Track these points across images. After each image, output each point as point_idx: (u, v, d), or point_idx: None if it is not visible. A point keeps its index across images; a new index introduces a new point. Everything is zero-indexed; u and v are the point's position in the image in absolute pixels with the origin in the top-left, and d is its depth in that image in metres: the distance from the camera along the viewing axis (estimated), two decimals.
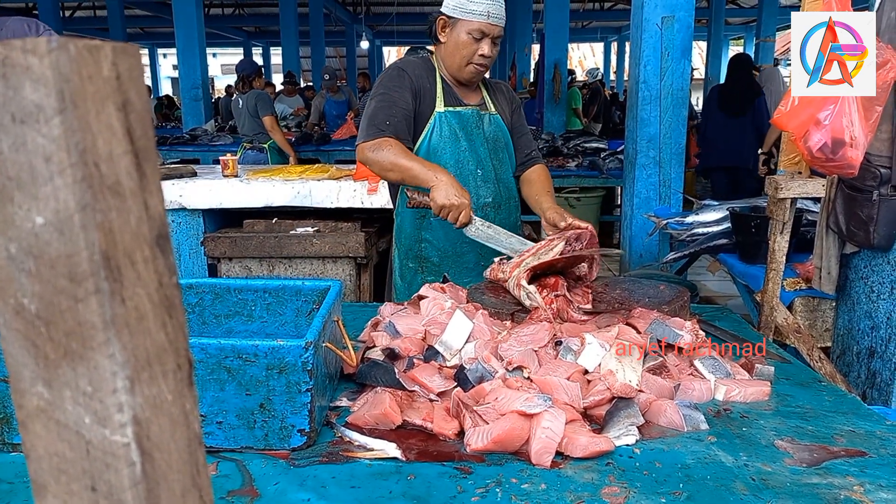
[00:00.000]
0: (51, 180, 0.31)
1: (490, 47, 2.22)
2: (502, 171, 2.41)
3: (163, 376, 0.37)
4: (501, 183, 2.41)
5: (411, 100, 2.25)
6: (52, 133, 0.31)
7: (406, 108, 2.23)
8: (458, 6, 2.20)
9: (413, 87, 2.26)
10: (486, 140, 2.37)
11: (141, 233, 0.35)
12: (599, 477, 1.22)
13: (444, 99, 2.32)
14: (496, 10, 2.18)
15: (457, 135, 2.31)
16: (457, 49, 2.24)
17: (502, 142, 2.41)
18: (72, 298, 0.33)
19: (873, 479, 1.21)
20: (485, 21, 2.18)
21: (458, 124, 2.31)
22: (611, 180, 6.77)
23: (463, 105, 2.36)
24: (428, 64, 2.37)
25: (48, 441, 0.35)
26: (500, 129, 2.41)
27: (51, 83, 0.30)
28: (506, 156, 2.43)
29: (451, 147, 2.30)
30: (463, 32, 2.21)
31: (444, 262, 2.40)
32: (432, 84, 2.31)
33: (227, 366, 1.28)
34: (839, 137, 1.92)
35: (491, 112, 2.41)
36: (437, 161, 2.26)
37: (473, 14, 2.18)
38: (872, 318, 2.40)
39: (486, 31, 2.20)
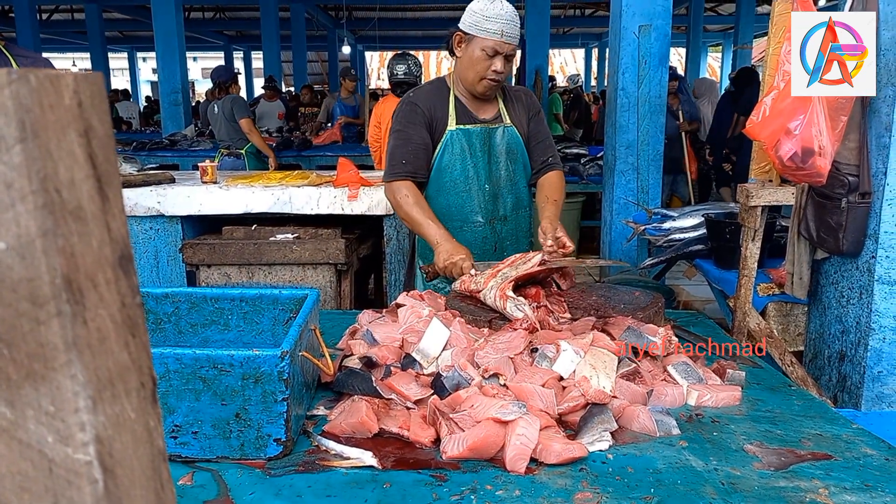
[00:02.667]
0: (12, 207, 0.32)
1: (503, 64, 2.29)
2: (515, 183, 2.50)
3: (126, 395, 0.38)
4: (513, 194, 2.50)
5: (425, 132, 2.39)
6: (12, 161, 0.32)
7: (420, 142, 2.39)
8: (474, 24, 2.26)
9: (426, 118, 2.39)
10: (500, 153, 2.45)
11: (103, 255, 0.36)
12: (573, 483, 1.24)
13: (456, 118, 2.41)
14: (510, 30, 2.25)
15: (466, 152, 2.41)
16: (471, 64, 2.32)
17: (516, 153, 2.48)
18: (34, 321, 0.34)
19: (838, 481, 1.24)
20: (499, 39, 2.24)
21: (467, 142, 2.41)
22: (591, 186, 6.82)
23: (475, 121, 2.43)
24: (442, 86, 2.47)
25: (10, 460, 0.36)
26: (514, 140, 2.47)
27: (11, 113, 0.31)
28: (520, 166, 2.50)
29: (460, 164, 2.41)
30: (477, 49, 2.28)
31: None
32: (444, 106, 2.42)
33: (203, 376, 1.28)
34: (809, 147, 1.96)
35: (506, 124, 2.47)
36: (447, 177, 2.41)
37: (488, 32, 2.24)
38: (843, 323, 2.45)
39: (499, 49, 2.26)
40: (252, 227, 3.77)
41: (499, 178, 2.46)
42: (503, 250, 2.50)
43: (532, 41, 10.52)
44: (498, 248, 2.51)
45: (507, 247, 2.52)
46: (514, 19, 2.26)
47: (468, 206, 2.45)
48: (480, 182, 2.44)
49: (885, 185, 2.21)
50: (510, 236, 2.53)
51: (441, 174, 2.43)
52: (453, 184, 2.43)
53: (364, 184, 3.83)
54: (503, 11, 2.23)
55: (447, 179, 2.43)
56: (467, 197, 2.44)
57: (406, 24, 20.44)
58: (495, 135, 2.44)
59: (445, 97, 2.44)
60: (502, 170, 2.46)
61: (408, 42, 23.95)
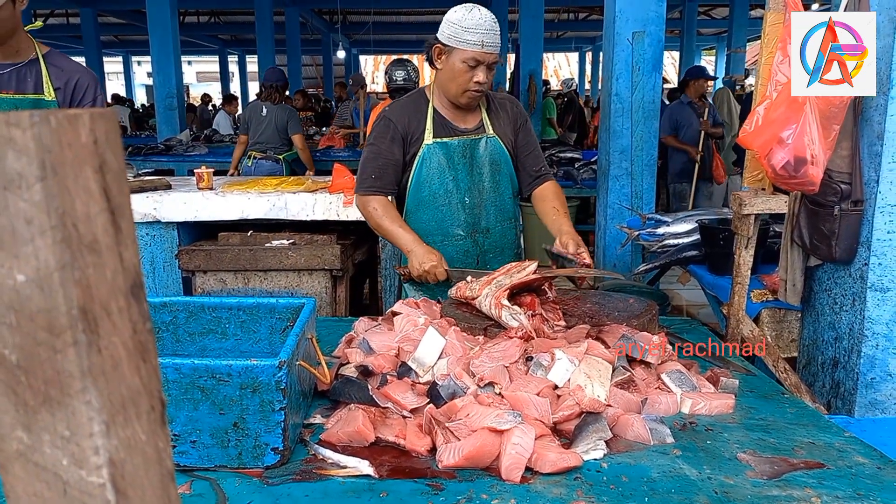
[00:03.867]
0: (32, 241, 0.34)
1: (485, 74, 2.27)
2: (498, 194, 2.47)
3: (137, 418, 0.39)
4: (496, 206, 2.47)
5: (396, 148, 2.39)
6: (33, 198, 0.33)
7: (390, 157, 2.39)
8: (452, 35, 2.23)
9: (399, 133, 2.38)
10: (482, 164, 2.43)
11: (116, 285, 0.38)
12: (568, 491, 1.26)
13: (434, 131, 2.39)
14: (490, 39, 2.22)
15: (444, 166, 2.39)
16: (453, 76, 2.29)
17: (500, 163, 2.45)
18: (51, 349, 0.35)
19: (830, 490, 1.25)
20: (479, 50, 2.21)
21: (445, 155, 2.38)
22: (585, 190, 6.85)
23: (455, 133, 2.41)
24: (420, 99, 2.45)
25: (27, 482, 0.37)
26: (497, 151, 2.44)
27: (33, 153, 0.33)
28: (504, 177, 2.47)
29: (437, 178, 2.39)
30: (458, 61, 2.25)
31: (438, 287, 2.44)
32: (421, 120, 2.40)
33: (201, 385, 1.29)
34: (801, 155, 1.98)
35: (489, 135, 2.43)
36: (426, 191, 2.40)
37: (468, 43, 2.21)
38: (836, 329, 2.47)
39: (480, 60, 2.23)
40: (248, 234, 3.78)
41: (481, 190, 2.43)
42: (486, 263, 2.47)
43: (526, 45, 10.57)
44: (480, 262, 2.48)
45: (491, 259, 2.49)
46: (493, 27, 2.23)
47: (448, 219, 2.42)
48: (460, 195, 2.41)
49: (878, 193, 2.23)
50: (493, 249, 2.50)
51: (419, 188, 2.41)
52: (432, 198, 2.41)
53: None
54: (482, 21, 2.21)
55: (426, 193, 2.41)
56: (447, 210, 2.41)
57: (400, 27, 20.48)
58: (478, 146, 2.41)
59: (423, 110, 2.41)
60: (485, 181, 2.43)
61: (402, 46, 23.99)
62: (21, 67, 2.36)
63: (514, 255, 2.53)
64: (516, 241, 2.57)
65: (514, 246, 2.56)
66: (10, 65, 2.35)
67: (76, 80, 2.42)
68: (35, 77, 2.38)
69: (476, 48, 2.21)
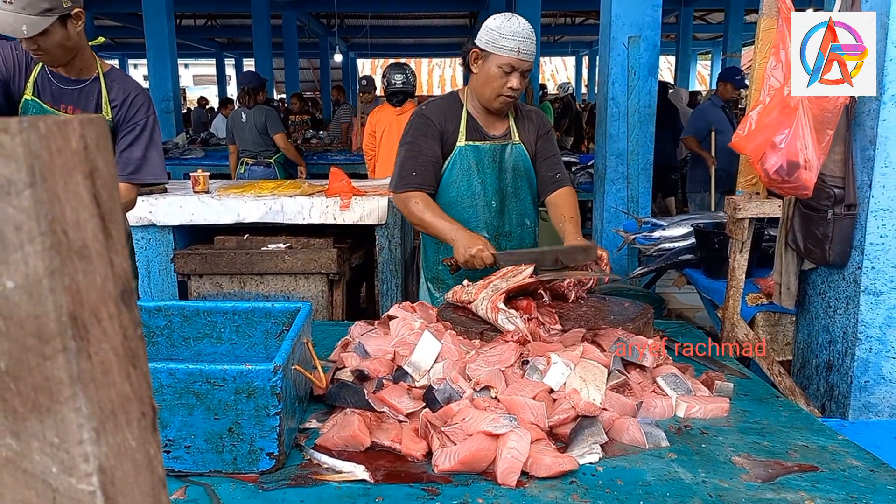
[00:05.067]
0: (21, 248, 0.34)
1: (519, 81, 2.30)
2: (519, 200, 2.52)
3: (127, 425, 0.39)
4: (517, 211, 2.53)
5: (437, 145, 2.42)
6: (22, 205, 0.33)
7: (431, 155, 2.42)
8: (490, 41, 2.27)
9: (438, 131, 2.41)
10: (506, 170, 2.48)
11: (106, 290, 0.38)
12: (563, 495, 1.26)
13: (467, 133, 2.43)
14: (527, 47, 2.25)
15: (474, 168, 2.43)
16: (487, 81, 2.32)
17: (522, 170, 2.50)
18: (40, 356, 0.35)
19: (824, 493, 1.26)
20: (515, 56, 2.25)
21: (475, 158, 2.43)
22: (582, 194, 6.85)
23: (485, 138, 2.45)
24: (455, 101, 2.49)
25: (15, 490, 0.37)
26: (521, 157, 2.49)
27: (21, 159, 0.33)
28: (525, 183, 2.52)
29: (467, 180, 2.44)
30: (494, 66, 2.28)
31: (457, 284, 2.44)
32: (456, 121, 2.44)
33: (196, 390, 1.29)
34: (794, 160, 1.99)
35: (514, 142, 2.49)
36: (454, 192, 2.44)
37: (505, 49, 2.25)
38: (830, 333, 2.48)
39: (515, 66, 2.27)
40: (244, 237, 3.77)
41: (505, 195, 2.50)
42: None
43: None
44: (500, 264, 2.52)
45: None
46: (530, 36, 2.27)
47: (473, 221, 2.46)
48: (487, 198, 2.47)
49: (870, 197, 2.24)
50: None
51: (448, 189, 2.45)
52: (459, 199, 2.45)
53: (356, 193, 3.85)
54: (520, 28, 2.25)
55: (454, 194, 2.45)
56: (473, 212, 2.46)
57: (398, 31, 20.51)
58: (504, 152, 2.47)
59: (458, 112, 2.46)
60: (509, 186, 2.49)
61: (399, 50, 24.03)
62: (85, 86, 2.41)
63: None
64: (535, 245, 2.61)
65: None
66: (76, 82, 2.39)
67: (132, 98, 2.46)
68: (96, 96, 2.42)
69: (512, 54, 2.25)
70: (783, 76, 2.00)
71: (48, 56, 2.24)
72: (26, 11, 2.08)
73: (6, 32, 2.09)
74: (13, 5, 2.07)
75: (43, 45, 2.17)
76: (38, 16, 2.10)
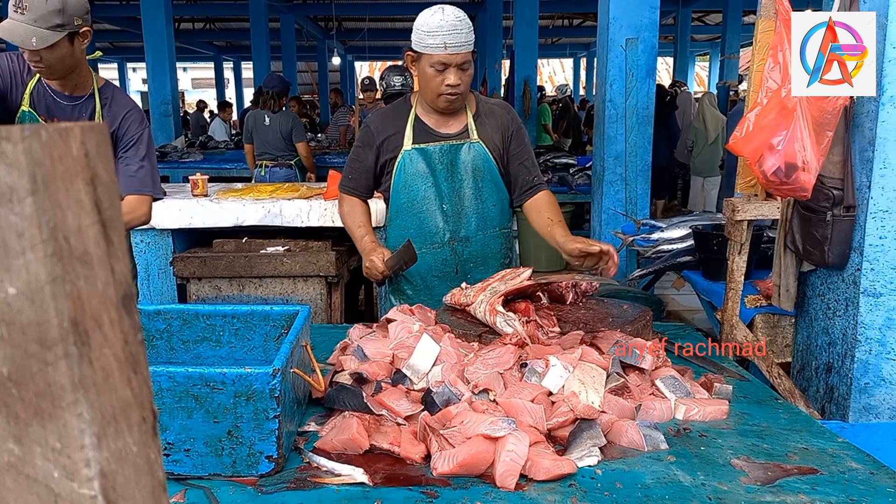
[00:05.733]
0: (23, 254, 0.34)
1: (456, 76, 2.22)
2: (482, 202, 2.41)
3: (128, 429, 0.39)
4: (478, 214, 2.41)
5: (371, 154, 2.42)
6: (24, 212, 0.33)
7: (365, 163, 2.43)
8: (418, 41, 2.21)
9: (375, 140, 2.40)
10: (464, 171, 2.37)
11: (107, 296, 0.38)
12: (562, 498, 1.26)
13: (414, 137, 2.36)
14: (453, 40, 2.17)
15: (423, 172, 2.36)
16: (426, 82, 2.26)
17: (483, 170, 2.39)
18: (42, 362, 0.35)
19: (823, 495, 1.26)
20: (444, 53, 2.17)
21: (424, 161, 2.35)
22: (580, 196, 6.86)
23: (436, 139, 2.36)
24: (404, 105, 2.44)
25: (17, 494, 0.37)
26: (481, 156, 2.38)
27: (24, 167, 0.33)
28: (487, 184, 2.40)
29: (416, 184, 2.37)
30: (427, 66, 2.22)
31: (416, 295, 2.45)
32: (401, 126, 2.38)
33: (195, 393, 1.29)
34: (792, 162, 1.99)
35: (472, 140, 2.37)
36: (405, 198, 2.39)
37: (431, 48, 2.17)
38: (829, 335, 2.48)
39: (447, 62, 2.19)
40: (243, 240, 3.78)
41: (462, 198, 2.38)
42: (466, 273, 2.42)
43: (520, 51, 10.60)
44: (460, 271, 2.44)
45: (471, 269, 2.44)
46: (457, 26, 2.16)
47: (426, 227, 2.39)
48: (439, 202, 2.37)
49: (869, 198, 2.24)
50: (474, 258, 2.44)
51: (398, 195, 2.39)
52: (410, 204, 2.38)
53: None
54: (443, 22, 2.15)
55: (405, 200, 2.39)
56: (425, 218, 2.38)
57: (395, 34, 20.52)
58: (459, 151, 2.36)
59: (404, 117, 2.39)
60: (467, 188, 2.38)
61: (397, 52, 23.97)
62: (79, 104, 2.42)
63: (499, 265, 2.45)
64: (502, 251, 2.50)
65: (501, 256, 2.50)
66: (70, 98, 2.40)
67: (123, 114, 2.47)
68: (90, 112, 2.43)
69: (440, 51, 2.17)
70: (781, 78, 2.01)
71: (47, 69, 2.24)
72: (38, 24, 2.07)
73: (15, 42, 2.09)
74: (26, 16, 2.07)
75: (46, 58, 2.17)
76: (48, 30, 2.10)
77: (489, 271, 2.36)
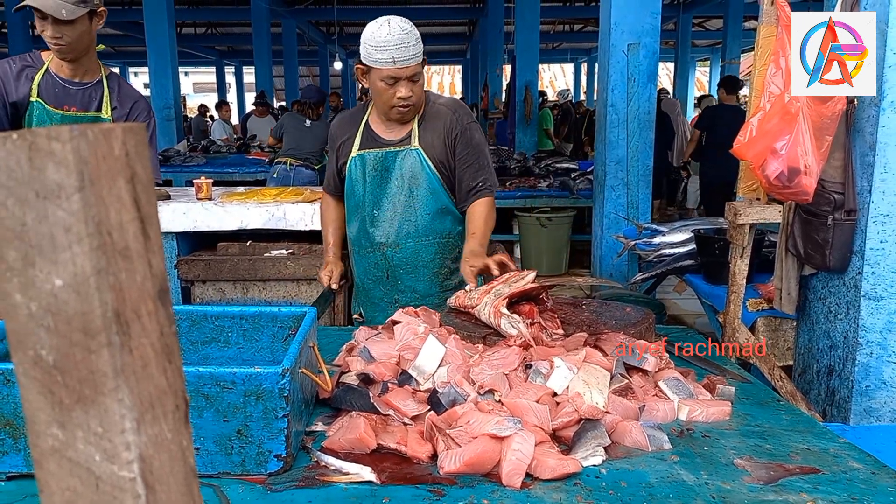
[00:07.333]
0: (69, 248, 0.36)
1: (407, 88, 2.23)
2: (412, 210, 2.40)
3: (163, 416, 0.41)
4: (409, 221, 2.41)
5: (335, 157, 2.54)
6: (71, 208, 0.35)
7: (333, 165, 2.56)
8: (366, 55, 2.21)
9: (336, 144, 2.51)
10: (398, 177, 2.37)
11: (146, 289, 0.40)
12: (568, 497, 1.27)
13: (361, 143, 2.42)
14: (402, 54, 2.16)
15: (360, 178, 2.42)
16: (377, 94, 2.28)
17: (420, 177, 2.37)
18: (86, 350, 0.37)
19: (826, 495, 1.27)
20: (392, 67, 2.17)
21: (362, 167, 2.41)
22: (581, 200, 6.88)
23: (379, 146, 2.39)
24: (359, 112, 2.50)
25: (60, 477, 0.39)
26: (418, 163, 2.36)
27: (72, 165, 0.35)
28: (424, 192, 2.39)
29: (355, 189, 2.45)
30: (377, 79, 2.22)
31: (359, 295, 2.64)
32: (353, 132, 2.45)
33: (206, 393, 1.30)
34: (795, 166, 2.01)
35: (411, 147, 2.36)
36: (351, 202, 2.50)
37: (380, 62, 2.18)
38: (831, 338, 2.49)
39: (397, 76, 2.20)
40: (247, 244, 3.80)
41: (395, 204, 2.39)
42: (397, 279, 2.47)
43: (522, 57, 10.64)
44: (391, 276, 2.47)
45: (402, 275, 2.46)
46: (404, 40, 2.15)
47: (362, 231, 2.46)
48: (369, 209, 2.42)
49: (870, 202, 2.26)
50: (404, 264, 2.45)
51: (347, 200, 2.51)
52: (354, 209, 2.48)
53: None
54: (390, 36, 2.14)
55: (351, 204, 2.49)
56: (361, 222, 2.46)
57: None
58: (396, 158, 2.36)
59: (357, 123, 2.43)
60: (399, 195, 2.38)
61: None
62: (88, 88, 2.59)
63: (432, 274, 2.46)
64: (437, 260, 2.47)
65: (434, 265, 2.47)
66: (80, 84, 2.57)
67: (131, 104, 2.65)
68: (98, 98, 2.60)
69: (388, 65, 2.17)
70: (784, 83, 2.03)
71: (67, 47, 2.40)
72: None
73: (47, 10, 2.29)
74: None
75: (67, 34, 2.36)
76: (74, 5, 2.32)
77: (420, 278, 2.45)
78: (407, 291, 2.48)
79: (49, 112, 2.51)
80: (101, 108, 2.58)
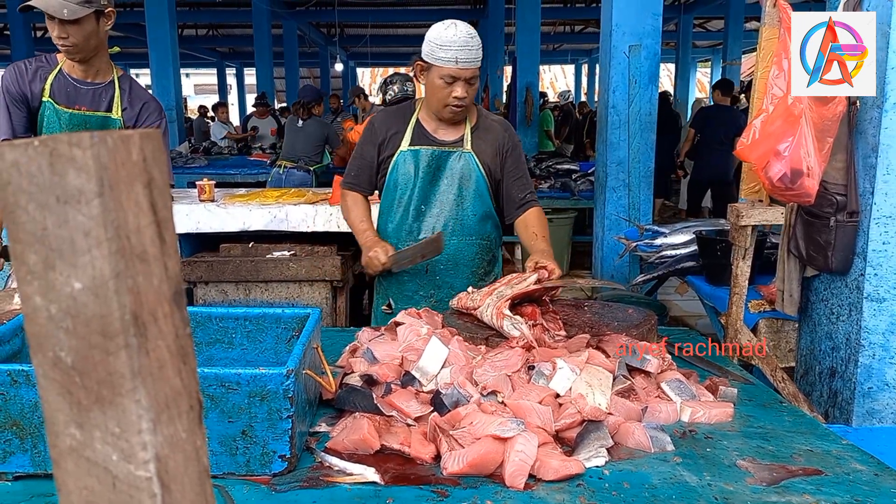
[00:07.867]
0: (89, 252, 0.37)
1: (464, 89, 2.31)
2: (461, 209, 2.48)
3: (178, 417, 0.42)
4: (455, 220, 2.48)
5: (374, 151, 2.53)
6: (91, 212, 0.36)
7: (368, 159, 2.55)
8: (429, 53, 2.29)
9: (379, 138, 2.50)
10: (451, 177, 2.45)
11: (162, 292, 0.40)
12: (570, 498, 1.28)
13: (412, 139, 2.46)
14: (465, 55, 2.25)
15: (411, 173, 2.45)
16: (433, 92, 2.35)
17: (469, 179, 2.46)
18: (104, 352, 0.38)
19: (828, 496, 1.28)
20: (454, 67, 2.25)
21: (413, 162, 2.45)
22: (582, 201, 6.89)
23: (432, 143, 2.46)
24: (408, 108, 2.54)
25: (78, 476, 0.40)
26: (469, 166, 2.45)
27: (92, 171, 0.36)
28: (472, 194, 2.47)
29: (403, 183, 2.47)
30: (436, 77, 2.30)
31: (390, 288, 2.59)
32: (402, 127, 2.48)
33: (210, 394, 1.31)
34: (797, 168, 2.02)
35: (465, 150, 2.45)
36: (394, 196, 2.50)
37: (442, 61, 2.26)
38: (833, 339, 2.50)
39: (456, 76, 2.28)
40: (249, 245, 3.80)
41: (443, 203, 2.46)
42: (436, 274, 2.51)
43: (522, 58, 10.64)
44: (430, 271, 2.51)
45: (441, 271, 2.51)
46: (469, 43, 2.25)
47: (403, 224, 2.49)
48: (416, 203, 2.46)
49: (873, 204, 2.27)
50: (445, 261, 2.49)
51: (389, 192, 2.51)
52: (398, 203, 2.49)
53: None
54: (456, 37, 2.23)
55: (393, 198, 2.50)
56: (403, 216, 2.48)
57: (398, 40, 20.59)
58: (449, 158, 2.45)
59: (407, 119, 2.49)
60: (449, 194, 2.46)
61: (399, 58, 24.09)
62: (100, 88, 2.58)
63: (470, 273, 2.53)
64: (476, 260, 2.55)
65: (473, 264, 2.55)
66: (91, 84, 2.57)
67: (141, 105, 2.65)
68: (109, 99, 2.59)
69: (451, 65, 2.25)
70: (786, 85, 2.03)
71: (74, 48, 2.39)
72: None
73: (49, 11, 2.27)
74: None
75: (73, 35, 2.34)
76: (77, 4, 2.29)
77: (459, 275, 2.49)
78: (444, 287, 2.52)
79: (59, 111, 2.53)
80: (112, 108, 2.59)
